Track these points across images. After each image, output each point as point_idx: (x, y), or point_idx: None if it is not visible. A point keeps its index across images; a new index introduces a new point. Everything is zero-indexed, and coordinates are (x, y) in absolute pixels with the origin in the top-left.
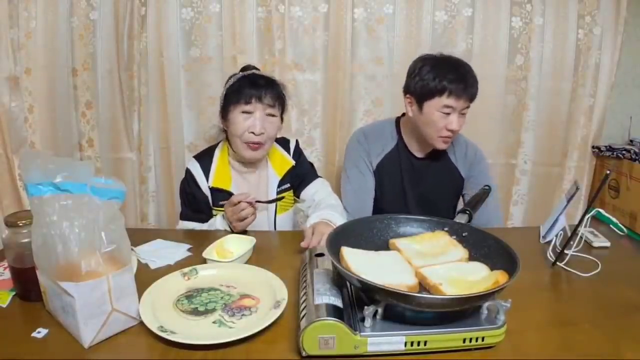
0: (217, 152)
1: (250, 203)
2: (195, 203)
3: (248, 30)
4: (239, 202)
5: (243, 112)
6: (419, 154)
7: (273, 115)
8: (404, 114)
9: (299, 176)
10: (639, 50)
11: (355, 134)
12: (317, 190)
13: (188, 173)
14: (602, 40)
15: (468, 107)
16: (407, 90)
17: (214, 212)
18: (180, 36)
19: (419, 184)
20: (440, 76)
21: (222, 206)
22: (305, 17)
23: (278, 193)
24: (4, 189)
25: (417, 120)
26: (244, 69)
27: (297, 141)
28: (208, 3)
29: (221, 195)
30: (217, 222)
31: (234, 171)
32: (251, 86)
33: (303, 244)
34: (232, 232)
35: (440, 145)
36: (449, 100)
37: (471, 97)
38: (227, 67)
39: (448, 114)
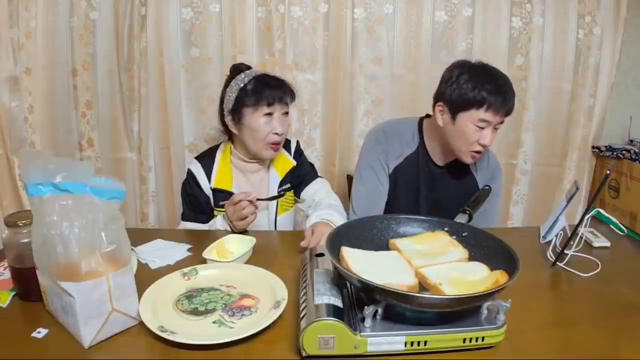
0: (218, 153)
1: (251, 201)
2: (197, 204)
3: (248, 30)
4: (240, 201)
5: (265, 114)
6: (439, 162)
7: (287, 113)
8: (427, 115)
9: (300, 176)
10: (639, 50)
11: (375, 131)
12: (317, 190)
13: (189, 174)
14: (602, 40)
15: (502, 122)
16: (441, 97)
17: (215, 213)
18: (180, 36)
19: (434, 192)
20: (480, 86)
21: (223, 207)
22: (305, 17)
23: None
24: (4, 189)
25: (447, 130)
26: (236, 68)
27: (297, 142)
28: (208, 3)
29: (223, 196)
30: (218, 222)
31: (237, 171)
32: (268, 88)
33: (303, 244)
34: (233, 232)
35: (468, 160)
36: (487, 114)
37: (507, 112)
38: (227, 67)
39: (482, 128)
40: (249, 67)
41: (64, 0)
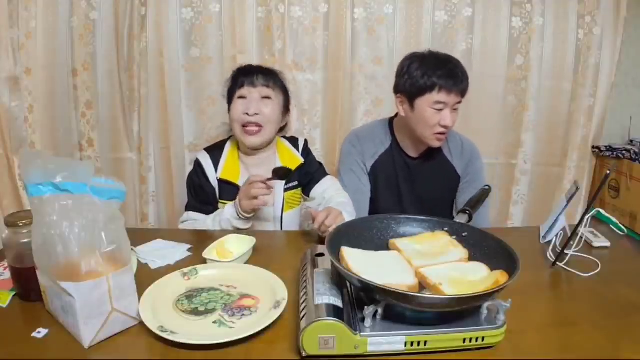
0: (227, 145)
1: (265, 183)
2: (203, 194)
3: (248, 30)
4: (255, 182)
5: (239, 97)
6: (413, 154)
7: (268, 98)
8: (397, 114)
9: (308, 174)
10: (639, 50)
11: (348, 136)
12: (327, 188)
13: (197, 164)
14: (602, 40)
15: (460, 102)
16: (397, 89)
17: (220, 206)
18: (180, 36)
19: (414, 184)
20: (430, 72)
21: (229, 200)
22: (305, 17)
23: (285, 190)
24: (4, 189)
25: (409, 119)
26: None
27: (305, 140)
28: (208, 3)
29: (229, 188)
30: (227, 209)
31: (244, 165)
32: (243, 74)
33: (312, 213)
34: (240, 218)
35: (435, 144)
36: (440, 96)
37: (462, 92)
38: (227, 67)
39: (440, 110)
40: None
41: (64, 0)
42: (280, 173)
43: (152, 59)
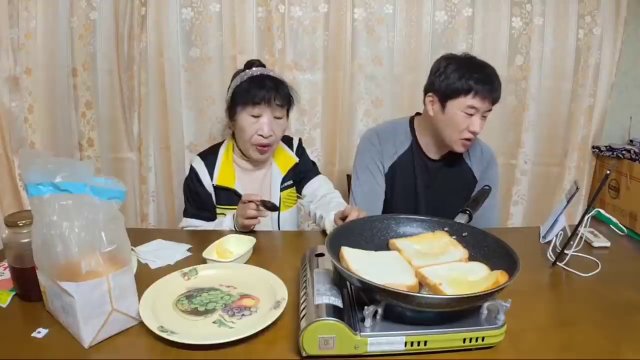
0: (221, 150)
1: (257, 205)
2: (200, 201)
3: (248, 30)
4: (250, 202)
5: (252, 115)
6: (434, 156)
7: (280, 118)
8: (417, 114)
9: (302, 173)
10: (639, 50)
11: (368, 134)
12: (319, 186)
13: (192, 171)
14: (602, 40)
15: (490, 110)
16: (431, 88)
17: (218, 211)
18: (180, 36)
19: (432, 187)
20: (467, 75)
21: (226, 204)
22: (305, 17)
23: (282, 190)
24: (4, 189)
25: (437, 120)
26: (249, 64)
27: (300, 139)
28: (208, 3)
29: (225, 193)
30: (226, 219)
31: (239, 169)
32: (259, 88)
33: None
34: (236, 230)
35: (459, 149)
36: (474, 101)
37: (494, 100)
38: (227, 67)
39: (471, 115)
40: (262, 65)
41: (64, 0)
42: (267, 206)
43: (152, 59)
